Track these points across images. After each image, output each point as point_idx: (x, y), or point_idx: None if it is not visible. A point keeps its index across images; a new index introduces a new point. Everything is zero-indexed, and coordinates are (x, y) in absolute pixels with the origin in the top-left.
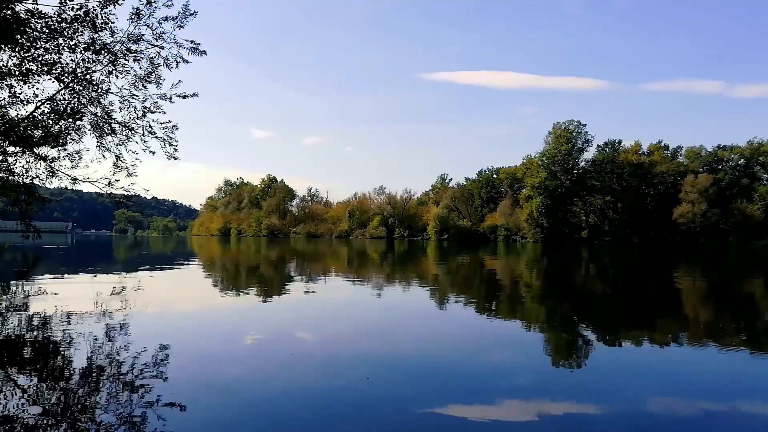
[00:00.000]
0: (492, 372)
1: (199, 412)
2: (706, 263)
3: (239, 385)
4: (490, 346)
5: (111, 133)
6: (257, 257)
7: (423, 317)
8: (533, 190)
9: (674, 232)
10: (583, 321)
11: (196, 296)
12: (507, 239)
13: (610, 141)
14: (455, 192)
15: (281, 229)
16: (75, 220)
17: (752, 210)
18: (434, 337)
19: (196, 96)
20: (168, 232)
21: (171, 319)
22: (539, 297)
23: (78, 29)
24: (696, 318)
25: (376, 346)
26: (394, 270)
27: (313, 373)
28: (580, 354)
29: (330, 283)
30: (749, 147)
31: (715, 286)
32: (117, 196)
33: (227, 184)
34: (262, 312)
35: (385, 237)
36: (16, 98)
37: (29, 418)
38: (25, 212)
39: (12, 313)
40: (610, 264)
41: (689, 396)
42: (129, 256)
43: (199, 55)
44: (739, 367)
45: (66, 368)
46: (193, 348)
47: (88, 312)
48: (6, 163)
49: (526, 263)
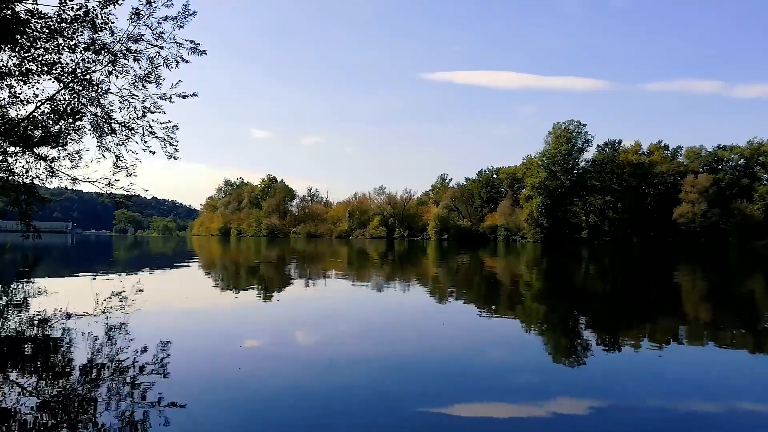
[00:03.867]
0: (492, 372)
1: (200, 411)
2: (705, 263)
3: (240, 385)
4: (489, 346)
5: (111, 133)
6: (257, 257)
7: (423, 317)
8: (533, 190)
9: (674, 232)
10: (583, 321)
11: (196, 296)
12: (507, 239)
13: (610, 141)
14: (455, 192)
15: (281, 229)
16: (75, 220)
17: (752, 210)
18: (434, 337)
19: (196, 96)
20: (168, 232)
21: (171, 318)
22: (539, 297)
23: (78, 29)
24: (695, 318)
25: (376, 345)
26: (394, 270)
27: (313, 373)
28: (580, 354)
29: (330, 283)
30: (749, 147)
31: (715, 285)
32: (117, 196)
33: (227, 184)
34: (263, 312)
35: (385, 237)
36: (16, 98)
37: (30, 417)
38: (25, 212)
39: (12, 312)
40: (610, 264)
41: (689, 396)
42: (129, 256)
43: (199, 55)
44: (739, 366)
45: (66, 367)
46: (194, 347)
47: (89, 311)
48: (6, 163)
49: (526, 263)
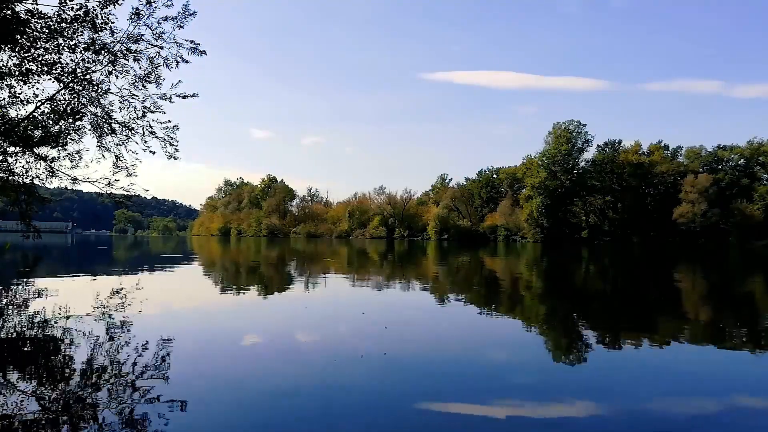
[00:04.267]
0: (492, 372)
1: (200, 411)
2: (705, 263)
3: (240, 384)
4: (489, 346)
5: (111, 133)
6: (257, 257)
7: (423, 317)
8: (533, 190)
9: (674, 232)
10: (583, 320)
11: (196, 296)
12: (507, 239)
13: (610, 141)
14: (455, 192)
15: (281, 229)
16: (75, 220)
17: (752, 210)
18: (434, 337)
19: (196, 96)
20: (168, 232)
21: (171, 318)
22: (539, 297)
23: (78, 29)
24: (695, 317)
25: (376, 345)
26: (394, 270)
27: (314, 372)
28: (580, 353)
29: (330, 283)
30: (749, 147)
31: (715, 285)
32: (117, 196)
33: (227, 184)
34: (263, 311)
35: (385, 237)
36: (16, 98)
37: (30, 417)
38: (25, 212)
39: (12, 312)
40: (610, 264)
41: (689, 396)
42: (129, 256)
43: (199, 55)
44: (739, 366)
45: (66, 367)
46: (194, 347)
47: (89, 311)
48: (6, 163)
49: (526, 263)
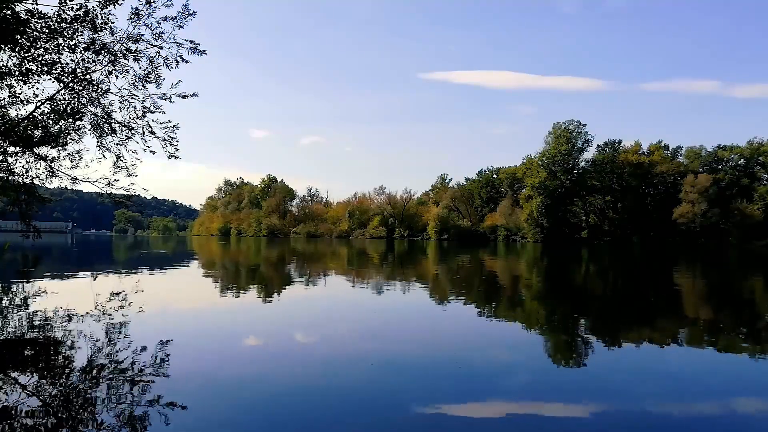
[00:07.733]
0: (492, 372)
1: (200, 410)
2: (705, 263)
3: (240, 384)
4: (489, 346)
5: (111, 133)
6: (257, 257)
7: (423, 317)
8: (533, 190)
9: (674, 232)
10: (583, 321)
11: (196, 296)
12: (507, 239)
13: (610, 141)
14: (455, 192)
15: (281, 229)
16: (75, 220)
17: (752, 210)
18: (434, 337)
19: (196, 96)
20: (168, 232)
21: (171, 318)
22: (539, 297)
23: (78, 29)
24: (695, 318)
25: (376, 345)
26: (394, 270)
27: (313, 372)
28: (580, 354)
29: (330, 283)
30: (749, 147)
31: (715, 285)
32: (117, 196)
33: (227, 184)
34: (263, 312)
35: (385, 237)
36: (16, 98)
37: (30, 417)
38: (25, 212)
39: (13, 312)
40: (609, 264)
41: (688, 396)
42: (129, 256)
43: (199, 55)
44: (738, 366)
45: (67, 367)
46: (194, 347)
47: (89, 311)
48: (6, 163)
49: (526, 263)
